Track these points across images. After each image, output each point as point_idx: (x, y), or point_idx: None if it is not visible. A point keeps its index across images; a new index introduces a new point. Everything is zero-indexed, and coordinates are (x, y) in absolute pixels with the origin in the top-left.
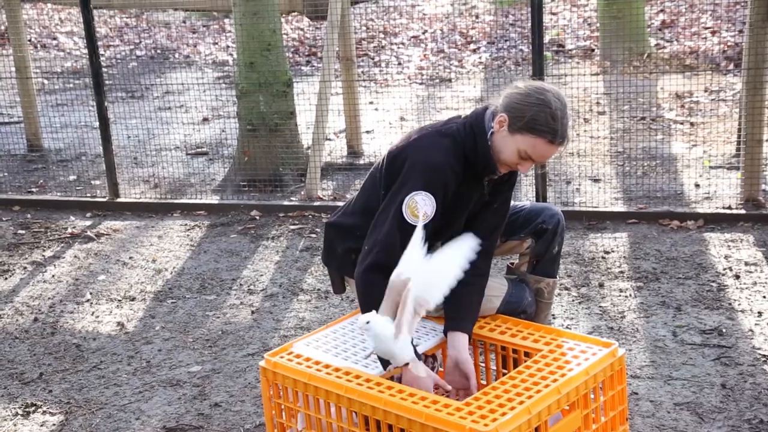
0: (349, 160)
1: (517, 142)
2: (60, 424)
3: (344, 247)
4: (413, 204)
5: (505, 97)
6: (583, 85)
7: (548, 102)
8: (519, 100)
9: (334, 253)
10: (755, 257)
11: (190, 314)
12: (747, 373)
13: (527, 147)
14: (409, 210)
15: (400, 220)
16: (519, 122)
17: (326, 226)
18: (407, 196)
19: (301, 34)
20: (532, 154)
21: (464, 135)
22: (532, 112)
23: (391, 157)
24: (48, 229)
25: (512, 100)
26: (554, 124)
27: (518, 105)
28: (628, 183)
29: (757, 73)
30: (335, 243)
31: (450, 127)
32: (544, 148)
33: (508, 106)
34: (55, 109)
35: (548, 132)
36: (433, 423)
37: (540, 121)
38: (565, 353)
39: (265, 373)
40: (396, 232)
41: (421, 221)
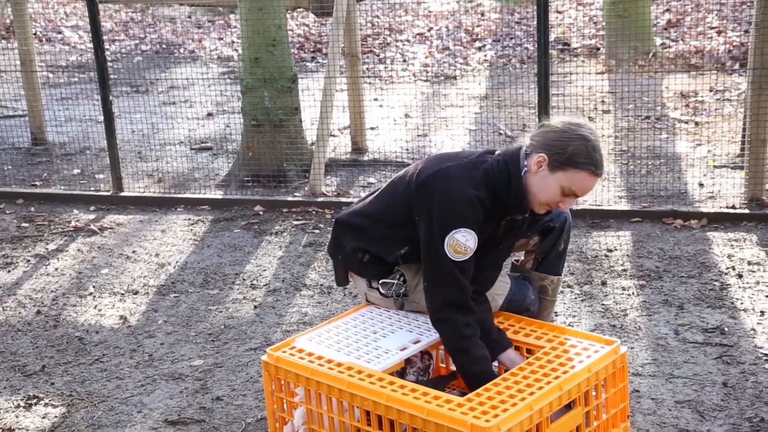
0: (353, 157)
1: (559, 179)
2: (62, 416)
3: (354, 245)
4: (455, 243)
5: (538, 136)
6: (588, 84)
7: (586, 135)
8: (556, 137)
9: (342, 248)
10: (758, 257)
11: (192, 308)
12: (748, 371)
13: (571, 182)
14: (453, 250)
15: (444, 258)
16: (560, 158)
17: (336, 222)
18: (447, 236)
19: (306, 31)
20: (577, 189)
21: (497, 171)
22: (572, 147)
23: (423, 185)
24: (51, 223)
25: (549, 138)
26: (595, 156)
27: (557, 142)
28: (632, 182)
29: (763, 73)
30: (344, 240)
31: (484, 161)
32: (587, 180)
33: (545, 145)
34: (60, 103)
35: (591, 164)
36: (435, 418)
37: (581, 154)
38: (567, 350)
39: (267, 367)
40: (453, 269)
41: (465, 257)
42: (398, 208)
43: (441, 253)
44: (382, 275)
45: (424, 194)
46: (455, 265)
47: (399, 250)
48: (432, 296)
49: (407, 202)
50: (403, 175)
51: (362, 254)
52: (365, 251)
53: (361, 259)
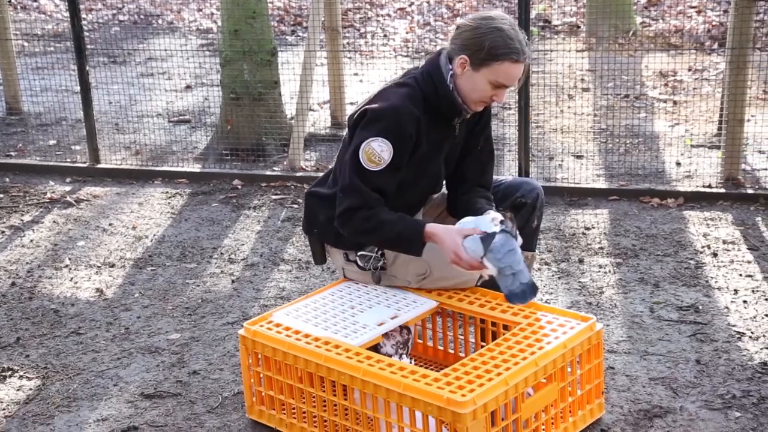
0: (332, 131)
1: (485, 75)
2: (36, 389)
3: (327, 215)
4: (369, 150)
5: (456, 39)
6: (568, 62)
7: (499, 26)
8: (472, 35)
9: (316, 221)
10: (733, 236)
11: (169, 282)
12: (721, 349)
13: (497, 75)
14: (366, 156)
15: (359, 166)
16: (480, 55)
17: (307, 195)
18: (363, 143)
19: (286, 3)
20: (504, 80)
21: (423, 82)
22: (489, 41)
23: (352, 115)
24: (27, 194)
25: (465, 37)
26: (513, 44)
27: (473, 40)
28: (610, 160)
29: (741, 53)
30: (316, 211)
31: (407, 77)
32: (512, 69)
33: (463, 46)
34: (35, 72)
35: (511, 53)
36: (411, 393)
37: (499, 46)
38: (543, 326)
39: (245, 341)
40: (356, 179)
41: (379, 167)
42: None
43: (355, 161)
44: (359, 245)
45: (353, 122)
46: (367, 175)
47: None
48: (340, 202)
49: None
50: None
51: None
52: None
53: (336, 229)
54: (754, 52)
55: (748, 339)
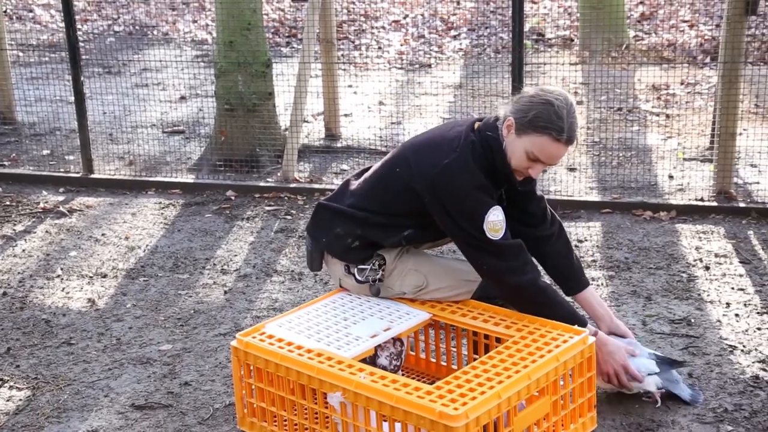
0: (326, 143)
1: (524, 143)
2: (27, 399)
3: (346, 230)
4: (491, 226)
5: (513, 103)
6: (562, 75)
7: (551, 100)
8: (525, 102)
9: (328, 232)
10: (725, 249)
11: (162, 292)
12: (713, 362)
13: (534, 147)
14: (492, 232)
15: (491, 243)
16: (524, 122)
17: (321, 206)
18: (482, 224)
19: (281, 15)
20: (540, 155)
21: (481, 151)
22: (535, 111)
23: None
24: (20, 204)
25: (519, 103)
26: (558, 121)
27: (524, 107)
28: (603, 173)
29: (733, 67)
30: (331, 223)
31: (470, 143)
32: (550, 146)
33: (514, 110)
34: (30, 83)
35: (551, 129)
36: (404, 406)
37: (543, 118)
38: (536, 339)
39: (237, 352)
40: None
41: (502, 232)
42: (401, 204)
43: (486, 243)
44: (363, 261)
45: (437, 200)
46: (500, 241)
47: (402, 233)
48: (500, 279)
49: (410, 198)
50: (391, 168)
51: (353, 239)
52: (358, 236)
53: (349, 245)
54: (745, 66)
55: (740, 352)
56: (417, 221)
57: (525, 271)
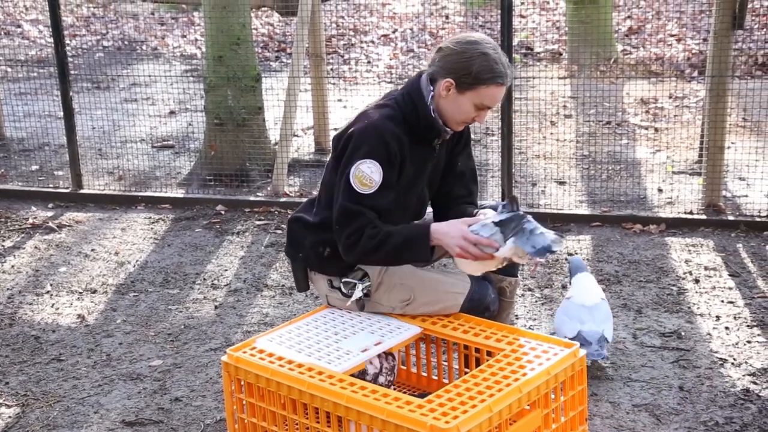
0: (316, 157)
1: (471, 98)
2: (16, 416)
3: (312, 240)
4: (359, 173)
5: (439, 61)
6: (551, 89)
7: (485, 51)
8: (458, 60)
9: (301, 247)
10: (715, 262)
11: (152, 308)
12: (704, 375)
13: (482, 98)
14: (358, 181)
15: (352, 191)
16: (467, 79)
17: (290, 221)
18: (353, 167)
19: (270, 30)
20: (489, 102)
21: (403, 104)
22: (476, 66)
23: (336, 140)
24: (8, 219)
25: (450, 61)
26: (498, 68)
27: (460, 64)
28: (592, 186)
29: (721, 81)
30: (301, 237)
31: (388, 100)
32: (497, 91)
33: (448, 69)
34: (18, 98)
35: (497, 77)
36: (395, 419)
37: (486, 70)
38: (527, 353)
39: (227, 368)
40: (352, 204)
41: (372, 189)
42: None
43: (348, 187)
44: (344, 271)
45: (337, 147)
46: (361, 197)
47: None
48: (340, 230)
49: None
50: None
51: (323, 248)
52: (324, 242)
53: (321, 254)
54: (733, 80)
55: (731, 365)
56: None
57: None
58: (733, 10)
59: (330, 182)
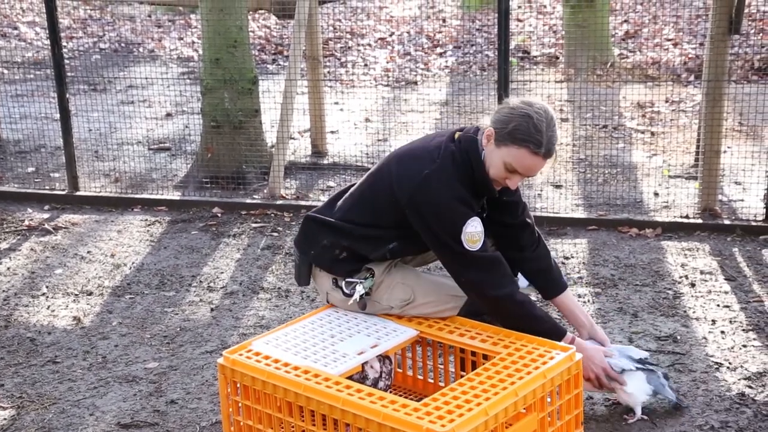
0: (313, 160)
1: (503, 154)
2: (11, 418)
3: (332, 241)
4: (469, 237)
5: (494, 113)
6: (547, 92)
7: (531, 113)
8: (505, 113)
9: (315, 244)
10: (710, 266)
11: (148, 310)
12: (700, 379)
13: (512, 158)
14: (470, 243)
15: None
16: (503, 133)
17: (308, 219)
18: (461, 234)
19: (267, 32)
20: (517, 166)
21: (462, 161)
22: (515, 123)
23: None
24: (4, 221)
25: (499, 114)
26: (537, 135)
27: (504, 118)
28: (589, 190)
29: (717, 86)
30: (319, 236)
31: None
32: (527, 159)
33: (495, 121)
34: (15, 100)
35: (531, 142)
36: (390, 422)
37: (522, 130)
38: (523, 356)
39: (223, 370)
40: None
41: (480, 243)
42: (386, 215)
43: (464, 253)
44: (351, 274)
45: (417, 211)
46: (478, 253)
47: (388, 245)
48: (479, 292)
49: (394, 210)
50: (375, 181)
51: (340, 251)
52: (344, 248)
53: (336, 256)
54: (729, 84)
55: (726, 369)
56: (401, 234)
57: (502, 284)
58: (730, 15)
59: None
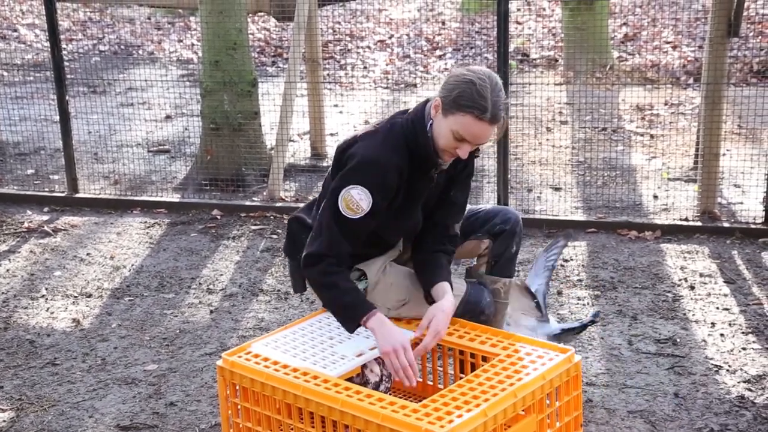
0: (312, 162)
1: (449, 123)
2: (11, 420)
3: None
4: (348, 198)
5: (441, 84)
6: (547, 95)
7: (474, 79)
8: (449, 82)
9: (300, 247)
10: (710, 269)
11: (147, 312)
12: (699, 382)
13: (458, 126)
14: (345, 204)
15: (336, 213)
16: (448, 102)
17: (291, 220)
18: (344, 189)
19: (267, 35)
20: (465, 134)
21: (407, 130)
22: (458, 90)
23: (338, 153)
24: (4, 223)
25: (445, 83)
26: (481, 100)
27: (449, 85)
28: (588, 192)
29: (716, 88)
30: (301, 237)
31: (394, 123)
32: (473, 125)
33: (441, 90)
34: (14, 102)
35: (475, 107)
36: (390, 424)
37: (465, 96)
38: (522, 358)
39: (223, 372)
40: (333, 224)
41: (356, 215)
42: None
43: (334, 206)
44: None
45: (338, 162)
46: (343, 221)
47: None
48: (311, 241)
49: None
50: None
51: None
52: None
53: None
54: (728, 87)
55: (726, 372)
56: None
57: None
58: (729, 18)
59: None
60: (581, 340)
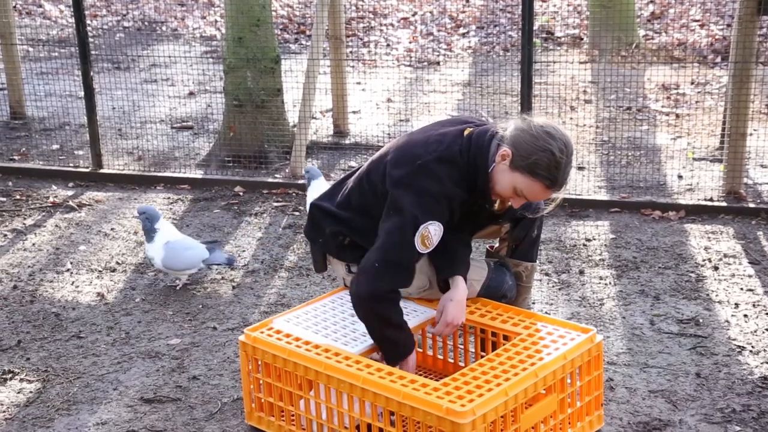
0: (334, 140)
1: (516, 179)
2: (37, 391)
3: (334, 229)
4: (426, 234)
5: (513, 131)
6: (571, 73)
7: (554, 150)
8: (527, 141)
9: (321, 232)
10: (734, 249)
11: (170, 287)
12: (722, 363)
13: (524, 186)
14: (421, 240)
15: (410, 244)
16: (521, 162)
17: (313, 206)
18: (422, 225)
19: (290, 12)
20: (527, 194)
21: (470, 165)
22: (536, 157)
23: (395, 181)
24: (29, 198)
25: (520, 138)
26: (555, 173)
27: (525, 145)
28: (611, 172)
29: (744, 67)
30: (322, 223)
31: (453, 153)
32: (539, 191)
33: (515, 143)
34: (40, 77)
35: (547, 178)
36: (411, 402)
37: (542, 166)
38: (543, 337)
39: (245, 347)
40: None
41: (428, 249)
42: (378, 207)
43: (408, 237)
44: (360, 259)
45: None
46: (416, 253)
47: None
48: (378, 271)
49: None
50: (371, 170)
51: (342, 237)
52: (346, 235)
53: (341, 243)
54: (757, 66)
55: (749, 353)
56: None
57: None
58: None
59: (369, 195)
60: (603, 319)
